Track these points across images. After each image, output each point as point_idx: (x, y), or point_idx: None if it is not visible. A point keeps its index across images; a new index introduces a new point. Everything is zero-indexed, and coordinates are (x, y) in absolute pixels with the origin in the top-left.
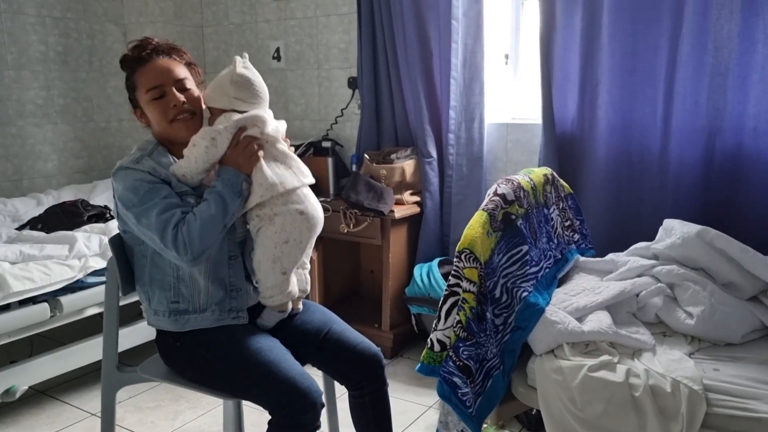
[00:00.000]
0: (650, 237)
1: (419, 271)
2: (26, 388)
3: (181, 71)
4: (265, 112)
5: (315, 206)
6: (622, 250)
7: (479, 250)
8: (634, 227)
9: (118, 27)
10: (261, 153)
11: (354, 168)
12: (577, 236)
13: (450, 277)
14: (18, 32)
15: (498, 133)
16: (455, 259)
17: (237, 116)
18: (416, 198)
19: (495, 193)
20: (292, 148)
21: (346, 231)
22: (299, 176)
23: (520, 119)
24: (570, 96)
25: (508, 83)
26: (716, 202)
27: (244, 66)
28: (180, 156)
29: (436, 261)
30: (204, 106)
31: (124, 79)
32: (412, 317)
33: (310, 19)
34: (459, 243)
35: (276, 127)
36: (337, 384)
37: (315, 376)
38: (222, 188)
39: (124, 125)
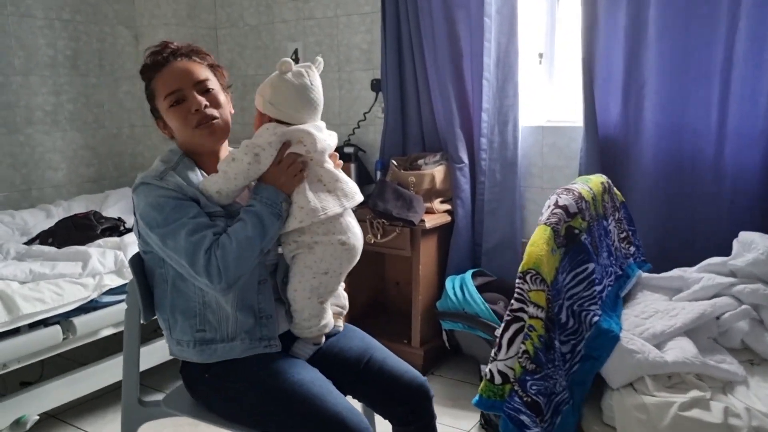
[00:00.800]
0: (707, 248)
1: (451, 284)
2: (37, 417)
3: (202, 72)
4: (315, 128)
5: (357, 236)
6: (674, 263)
7: (545, 270)
8: (688, 238)
9: (129, 30)
10: (306, 173)
11: (378, 174)
12: (632, 248)
13: (512, 301)
14: (25, 36)
15: (533, 136)
16: (518, 281)
17: (283, 129)
18: (447, 206)
19: (556, 205)
20: (341, 164)
21: (373, 242)
22: (343, 200)
23: (555, 122)
24: (613, 97)
25: (542, 84)
26: None
27: (306, 73)
28: (210, 169)
29: (469, 273)
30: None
31: (135, 83)
32: (443, 333)
33: (330, 19)
34: (522, 263)
35: (324, 144)
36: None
37: None
38: (260, 208)
39: (136, 131)
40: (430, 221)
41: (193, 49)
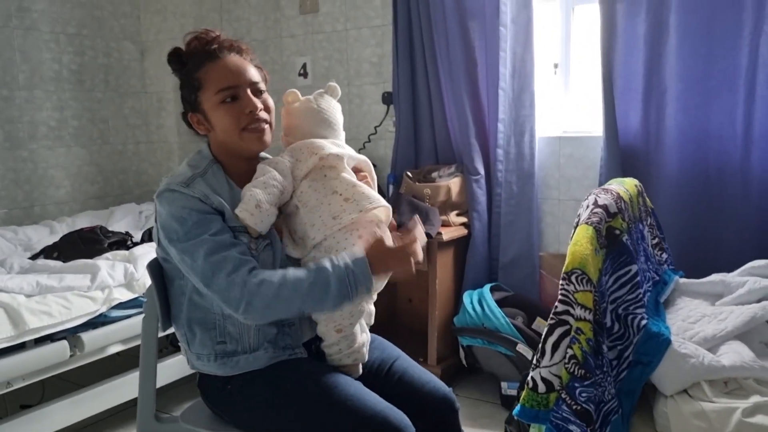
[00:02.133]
0: (737, 257)
1: (469, 299)
2: None
3: (255, 73)
4: (330, 141)
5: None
6: (702, 270)
7: (591, 270)
8: (715, 246)
9: (135, 45)
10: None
11: (391, 189)
12: (665, 256)
13: (557, 304)
14: (30, 50)
15: (549, 147)
16: (562, 281)
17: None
18: (463, 219)
19: (596, 205)
20: (372, 185)
21: None
22: (364, 203)
23: (572, 132)
24: (633, 105)
25: (558, 94)
26: None
27: (313, 99)
28: (239, 176)
29: (487, 287)
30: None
31: (140, 99)
32: (461, 349)
33: (340, 33)
34: (566, 263)
35: (337, 150)
36: None
37: None
38: (339, 273)
39: (141, 148)
40: (447, 234)
41: (241, 46)
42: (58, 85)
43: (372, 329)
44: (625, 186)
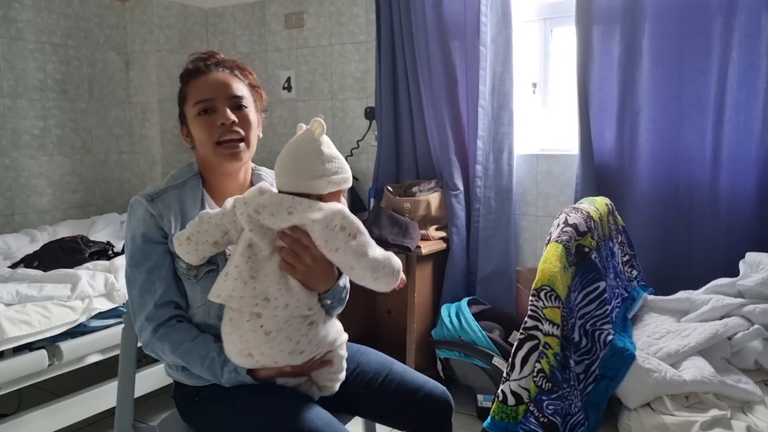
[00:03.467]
0: (704, 272)
1: (447, 311)
2: None
3: (240, 88)
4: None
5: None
6: (672, 287)
7: (559, 287)
8: (685, 262)
9: (120, 56)
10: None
11: (372, 202)
12: (635, 272)
13: (526, 319)
14: (15, 58)
15: (527, 164)
16: (531, 297)
17: None
18: (442, 233)
19: (566, 224)
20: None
21: None
22: None
23: (549, 150)
24: (607, 125)
25: (536, 113)
26: None
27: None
28: (219, 191)
29: (464, 301)
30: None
31: (124, 110)
32: (438, 362)
33: (324, 48)
34: (536, 279)
35: (243, 209)
36: None
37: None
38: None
39: (124, 158)
40: (426, 248)
41: (238, 65)
42: (42, 94)
43: (351, 340)
44: (596, 205)
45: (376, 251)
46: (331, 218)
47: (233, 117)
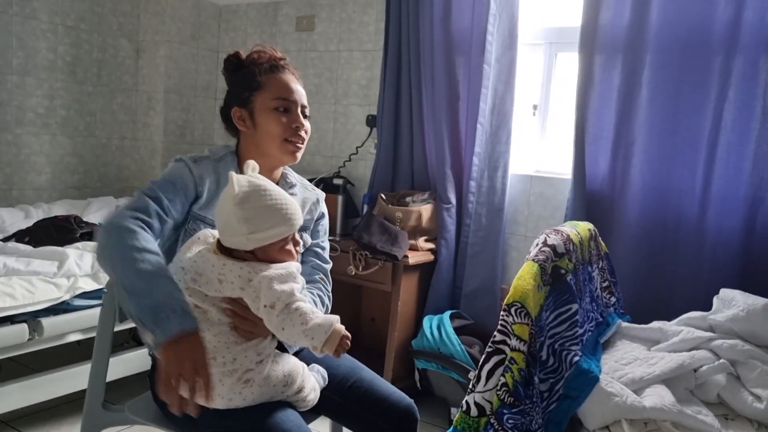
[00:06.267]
0: (684, 304)
1: (429, 323)
2: None
3: (306, 99)
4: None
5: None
6: (652, 316)
7: (531, 305)
8: (666, 293)
9: (131, 43)
10: None
11: (365, 208)
12: (613, 299)
13: (495, 333)
14: (27, 37)
15: (521, 184)
16: (502, 312)
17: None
18: (431, 245)
19: (545, 244)
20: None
21: (354, 273)
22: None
23: (544, 172)
24: (602, 152)
25: (534, 135)
26: (757, 275)
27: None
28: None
29: (447, 314)
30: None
31: (130, 96)
32: (416, 372)
33: (332, 53)
34: (508, 295)
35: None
36: None
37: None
38: (162, 300)
39: (125, 144)
40: (413, 258)
41: (299, 76)
42: (51, 74)
43: None
44: (578, 229)
45: (306, 317)
46: (254, 286)
47: (306, 124)
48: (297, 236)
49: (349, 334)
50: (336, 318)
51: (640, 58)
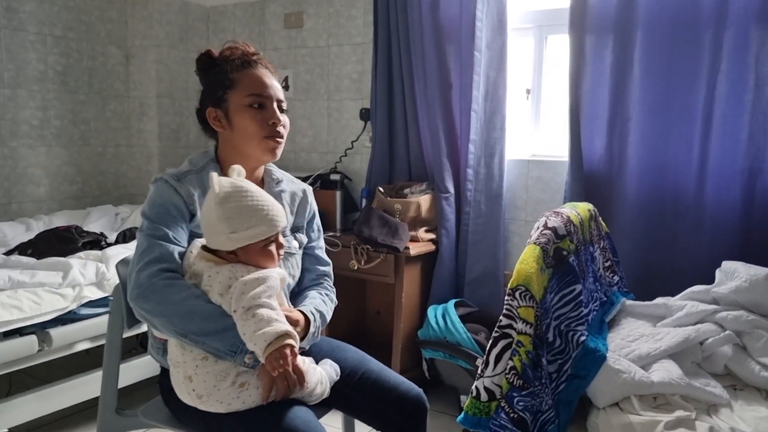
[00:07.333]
0: (687, 280)
1: (433, 312)
2: (5, 430)
3: (282, 93)
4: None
5: None
6: (655, 294)
7: (534, 288)
8: (668, 269)
9: (120, 50)
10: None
11: (364, 202)
12: (616, 278)
13: (501, 318)
14: (17, 49)
15: (518, 169)
16: (507, 297)
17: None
18: (431, 235)
19: (545, 227)
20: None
21: (356, 268)
22: None
23: (540, 156)
24: (598, 133)
25: (528, 119)
26: (757, 246)
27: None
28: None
29: (451, 302)
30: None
31: (122, 103)
32: (424, 362)
33: (322, 49)
34: (512, 279)
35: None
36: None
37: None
38: (228, 340)
39: (121, 151)
40: (415, 249)
41: (273, 70)
42: (43, 85)
43: (340, 340)
44: (578, 210)
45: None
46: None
47: (283, 119)
48: (281, 239)
49: (297, 352)
50: (286, 329)
51: (631, 36)
